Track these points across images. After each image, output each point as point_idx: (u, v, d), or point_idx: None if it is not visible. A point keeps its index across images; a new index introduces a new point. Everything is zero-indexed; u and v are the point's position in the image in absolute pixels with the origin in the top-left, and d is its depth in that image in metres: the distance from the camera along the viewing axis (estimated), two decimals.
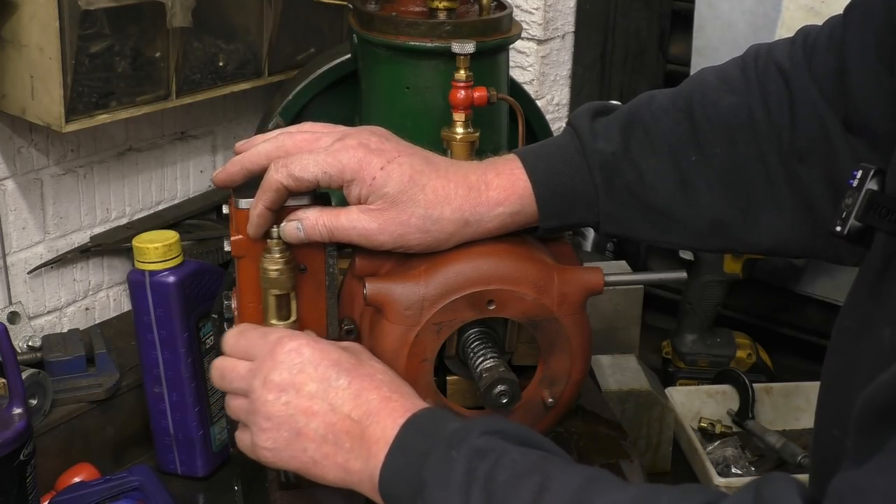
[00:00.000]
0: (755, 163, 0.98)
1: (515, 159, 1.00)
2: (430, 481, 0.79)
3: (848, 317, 0.85)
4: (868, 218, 0.81)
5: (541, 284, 0.98)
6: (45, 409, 1.34)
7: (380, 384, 0.88)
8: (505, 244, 0.99)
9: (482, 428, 0.81)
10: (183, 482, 1.39)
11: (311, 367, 0.89)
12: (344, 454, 0.86)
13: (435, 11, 1.23)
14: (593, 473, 0.76)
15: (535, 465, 0.77)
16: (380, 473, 0.83)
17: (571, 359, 1.01)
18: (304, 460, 0.88)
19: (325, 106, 1.37)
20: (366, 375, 0.89)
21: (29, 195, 1.48)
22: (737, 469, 1.45)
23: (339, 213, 0.96)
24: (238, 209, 0.99)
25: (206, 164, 1.73)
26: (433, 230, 0.95)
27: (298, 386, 0.88)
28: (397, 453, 0.83)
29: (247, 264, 1.00)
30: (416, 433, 0.83)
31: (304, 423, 0.88)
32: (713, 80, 1.02)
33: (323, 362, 0.89)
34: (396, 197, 0.94)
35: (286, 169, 0.94)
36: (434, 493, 0.78)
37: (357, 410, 0.86)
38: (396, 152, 0.96)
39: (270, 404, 0.89)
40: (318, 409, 0.87)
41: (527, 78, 1.91)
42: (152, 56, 1.44)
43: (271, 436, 0.89)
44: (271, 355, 0.90)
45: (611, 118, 1.02)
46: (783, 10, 1.62)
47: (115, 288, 1.63)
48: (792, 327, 1.79)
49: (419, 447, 0.82)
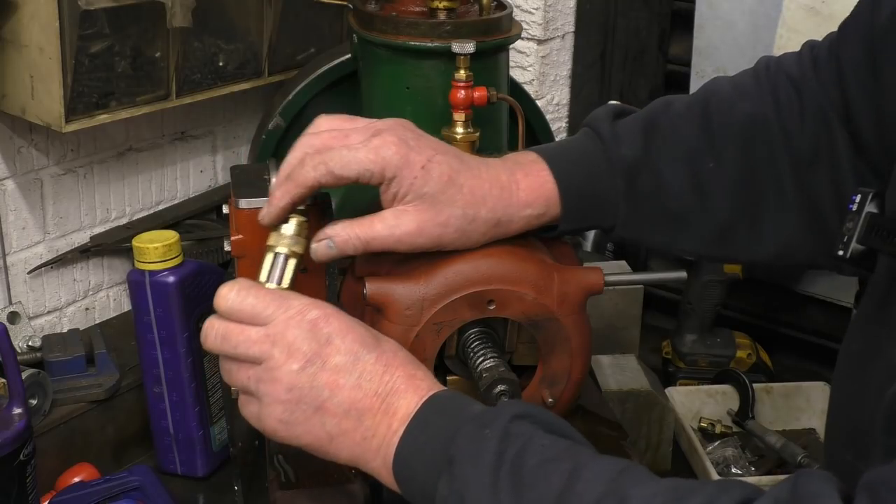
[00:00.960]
0: (767, 168, 0.99)
1: (540, 160, 0.99)
2: (459, 458, 0.77)
3: (855, 340, 0.85)
4: (869, 240, 0.82)
5: (541, 284, 0.98)
6: (45, 409, 1.34)
7: (404, 361, 0.86)
8: (505, 244, 0.99)
9: (513, 411, 0.80)
10: (183, 482, 1.39)
11: (338, 339, 0.85)
12: (363, 431, 0.83)
13: (435, 11, 1.23)
14: (626, 465, 0.75)
15: (565, 452, 0.76)
16: (396, 449, 0.81)
17: (571, 359, 1.01)
18: (320, 436, 0.85)
19: (325, 106, 1.37)
20: (390, 351, 0.86)
21: (29, 195, 1.48)
22: (737, 469, 1.45)
23: (371, 221, 0.93)
24: (238, 209, 0.99)
25: (206, 164, 1.73)
26: (469, 230, 0.95)
27: (325, 357, 0.84)
28: (417, 431, 0.81)
29: (247, 264, 1.00)
30: (439, 412, 0.82)
31: (328, 397, 0.84)
32: (727, 88, 1.03)
33: (349, 335, 0.85)
34: (436, 197, 0.93)
35: (325, 165, 0.90)
36: (463, 469, 0.76)
37: (383, 387, 0.84)
38: (433, 150, 0.94)
39: (294, 375, 0.84)
40: (344, 382, 0.84)
41: (527, 78, 1.91)
42: (152, 56, 1.44)
43: (289, 408, 0.85)
44: (295, 321, 0.85)
45: (629, 122, 1.02)
46: (783, 9, 1.62)
47: (115, 288, 1.63)
48: (792, 327, 1.78)
49: (443, 426, 0.80)
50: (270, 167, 1.03)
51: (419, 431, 0.81)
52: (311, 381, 0.84)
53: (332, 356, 0.84)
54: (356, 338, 0.85)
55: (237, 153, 1.77)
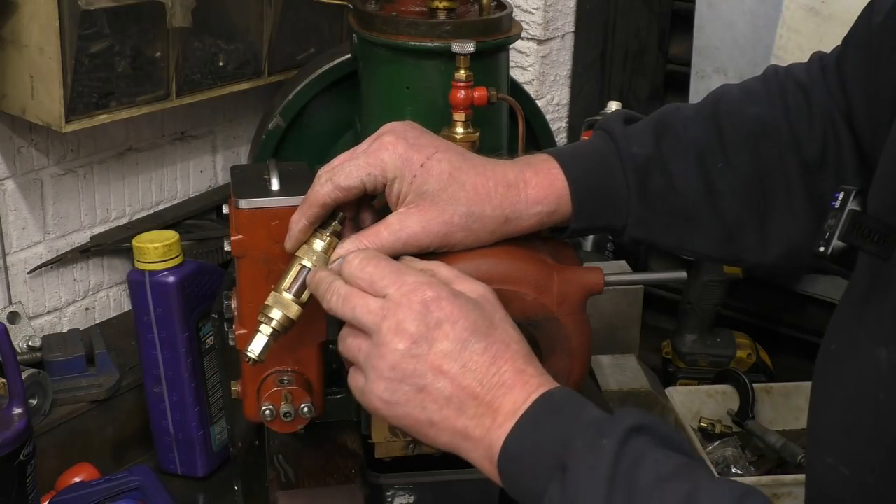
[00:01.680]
0: (776, 170, 0.99)
1: (551, 159, 0.99)
2: (574, 467, 0.75)
3: (833, 341, 0.85)
4: (851, 238, 0.82)
5: (541, 284, 0.98)
6: (45, 409, 1.34)
7: (514, 355, 0.83)
8: (505, 244, 0.99)
9: (631, 422, 0.77)
10: (183, 482, 1.39)
11: (448, 324, 0.83)
12: (465, 420, 0.82)
13: (435, 11, 1.23)
14: (745, 490, 0.73)
15: (681, 471, 0.74)
16: (503, 445, 0.80)
17: (571, 359, 1.01)
18: (420, 419, 0.83)
19: (325, 106, 1.37)
20: (501, 343, 0.84)
21: (29, 195, 1.48)
22: (737, 469, 1.45)
23: (377, 229, 0.93)
24: (238, 209, 0.99)
25: (206, 164, 1.73)
26: (475, 228, 0.94)
27: (432, 341, 0.82)
28: (527, 429, 0.79)
29: (247, 264, 1.00)
30: (551, 413, 0.80)
31: (431, 381, 0.82)
32: (736, 92, 1.04)
33: (461, 321, 0.83)
34: (437, 195, 0.93)
35: (331, 182, 0.92)
36: (577, 479, 0.75)
37: (489, 378, 0.82)
38: (434, 148, 0.94)
39: (399, 354, 0.82)
40: (448, 369, 0.82)
41: (527, 78, 1.91)
42: (152, 56, 1.44)
43: (391, 387, 0.83)
44: (407, 300, 0.83)
45: (640, 124, 1.02)
46: (783, 9, 1.62)
47: (115, 288, 1.63)
48: (792, 327, 1.79)
49: (556, 428, 0.78)
50: (270, 167, 1.03)
51: (530, 429, 0.79)
52: (415, 364, 0.82)
53: (439, 341, 0.82)
54: (467, 325, 0.83)
55: (237, 153, 1.77)
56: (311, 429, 1.10)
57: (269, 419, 1.03)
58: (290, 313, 0.94)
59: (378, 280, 0.85)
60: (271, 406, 1.03)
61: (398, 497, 1.15)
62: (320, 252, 0.94)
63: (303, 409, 1.03)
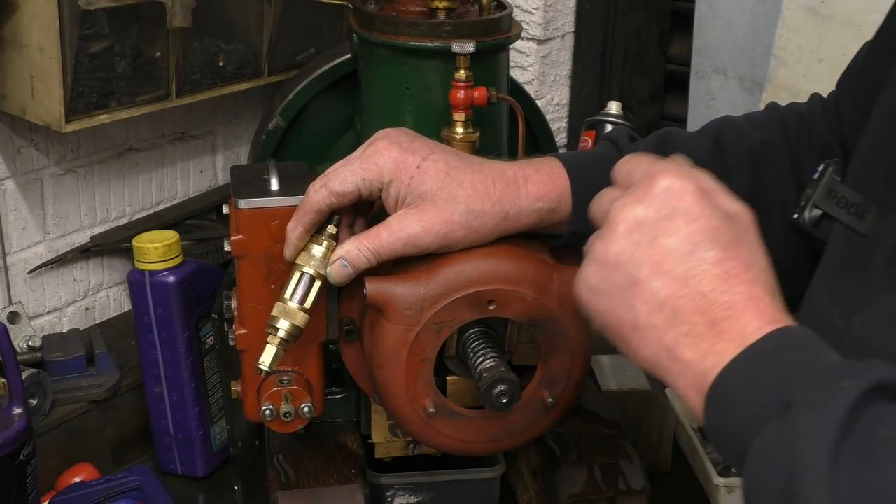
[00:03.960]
0: (775, 194, 1.00)
1: (554, 159, 1.00)
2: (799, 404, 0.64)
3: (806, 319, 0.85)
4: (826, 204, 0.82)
5: (541, 284, 0.98)
6: (45, 409, 1.34)
7: (754, 278, 0.71)
8: (505, 244, 0.99)
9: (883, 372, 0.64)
10: (183, 482, 1.39)
11: (682, 219, 0.72)
12: (676, 335, 0.71)
13: (435, 11, 1.23)
14: None
15: None
16: (718, 375, 0.68)
17: (571, 359, 1.01)
18: (625, 319, 0.73)
19: (325, 106, 1.37)
20: (742, 260, 0.72)
21: (29, 195, 1.48)
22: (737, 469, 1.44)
23: (377, 231, 0.94)
24: (238, 209, 0.99)
25: (206, 164, 1.73)
26: (475, 225, 0.95)
27: (658, 231, 0.72)
28: (753, 362, 0.68)
29: (247, 264, 1.00)
30: (785, 350, 0.68)
31: (646, 276, 0.72)
32: (739, 119, 1.06)
33: (699, 221, 0.72)
34: (435, 194, 0.93)
35: (326, 188, 0.93)
36: (801, 418, 0.63)
37: (716, 294, 0.70)
38: (429, 150, 0.95)
39: (616, 238, 0.74)
40: (669, 268, 0.71)
41: (527, 78, 1.91)
42: (152, 56, 1.44)
43: (600, 272, 0.75)
44: (649, 181, 0.74)
45: (646, 138, 1.04)
46: (783, 9, 1.62)
47: (115, 288, 1.63)
48: None
49: (787, 365, 0.67)
50: (270, 167, 1.03)
51: (757, 363, 0.68)
52: (633, 252, 0.73)
53: (666, 234, 0.72)
54: (706, 228, 0.72)
55: (237, 153, 1.77)
56: (311, 429, 1.10)
57: (269, 419, 1.03)
58: (297, 321, 0.94)
59: (633, 170, 0.78)
60: (271, 406, 1.03)
61: (398, 497, 1.15)
62: (320, 257, 0.95)
63: (303, 409, 1.03)
